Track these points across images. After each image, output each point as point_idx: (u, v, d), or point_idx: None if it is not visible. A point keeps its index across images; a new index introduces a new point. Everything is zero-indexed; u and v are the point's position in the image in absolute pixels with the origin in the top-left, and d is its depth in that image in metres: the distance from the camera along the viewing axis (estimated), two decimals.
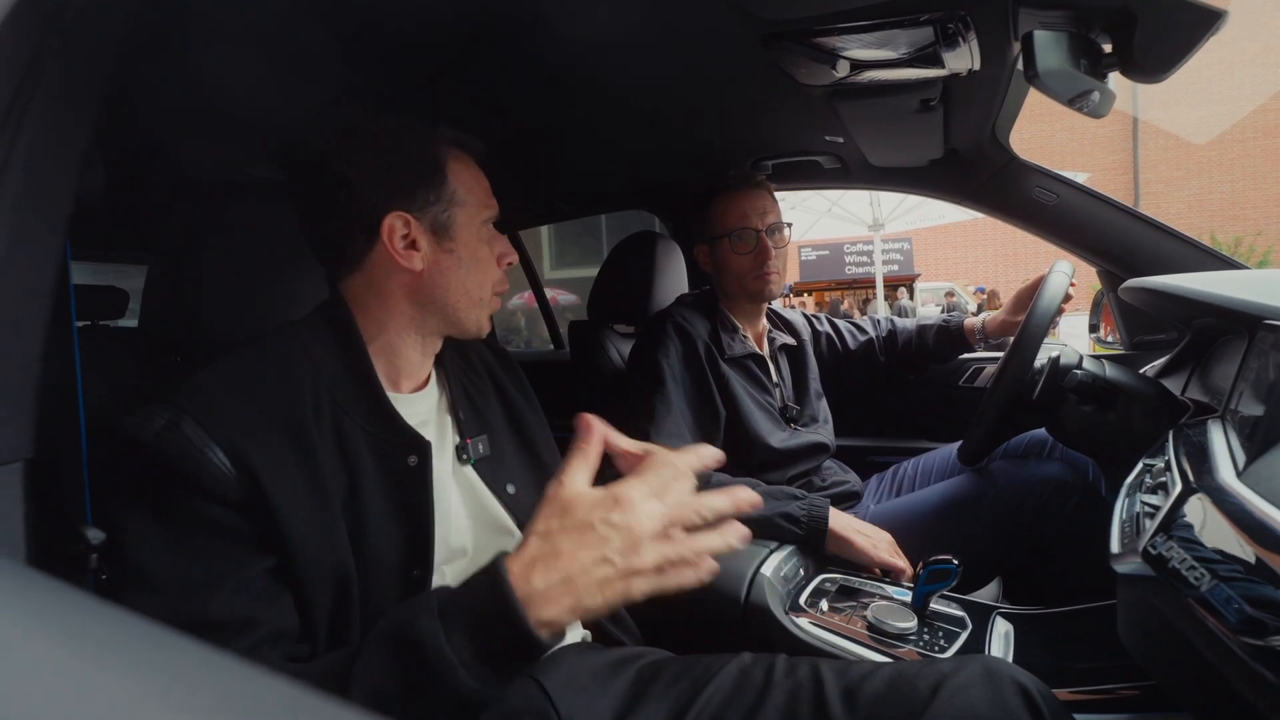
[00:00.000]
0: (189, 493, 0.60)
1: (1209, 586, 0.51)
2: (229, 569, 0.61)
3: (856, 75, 1.01)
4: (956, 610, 0.98)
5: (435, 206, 0.76)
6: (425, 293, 0.77)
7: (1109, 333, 1.64)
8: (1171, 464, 0.73)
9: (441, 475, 0.78)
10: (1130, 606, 0.66)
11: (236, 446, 0.62)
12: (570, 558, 0.53)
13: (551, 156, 1.56)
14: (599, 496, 0.56)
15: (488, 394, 0.91)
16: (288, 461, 0.65)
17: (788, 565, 1.05)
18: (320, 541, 0.65)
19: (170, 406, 0.62)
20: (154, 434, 0.60)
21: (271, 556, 0.63)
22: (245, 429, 0.63)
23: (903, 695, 0.67)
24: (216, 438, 0.61)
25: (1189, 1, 0.73)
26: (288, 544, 0.63)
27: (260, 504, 0.62)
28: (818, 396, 1.52)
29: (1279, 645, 0.45)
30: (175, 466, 0.60)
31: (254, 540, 0.63)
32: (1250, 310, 0.82)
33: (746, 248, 1.35)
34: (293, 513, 0.63)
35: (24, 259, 0.52)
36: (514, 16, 0.87)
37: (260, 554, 0.63)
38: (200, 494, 0.60)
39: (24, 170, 0.51)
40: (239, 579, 0.61)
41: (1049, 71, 0.77)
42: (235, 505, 0.62)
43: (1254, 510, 0.52)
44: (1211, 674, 0.51)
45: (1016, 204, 1.49)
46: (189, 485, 0.60)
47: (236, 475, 0.61)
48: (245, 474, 0.62)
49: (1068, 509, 1.16)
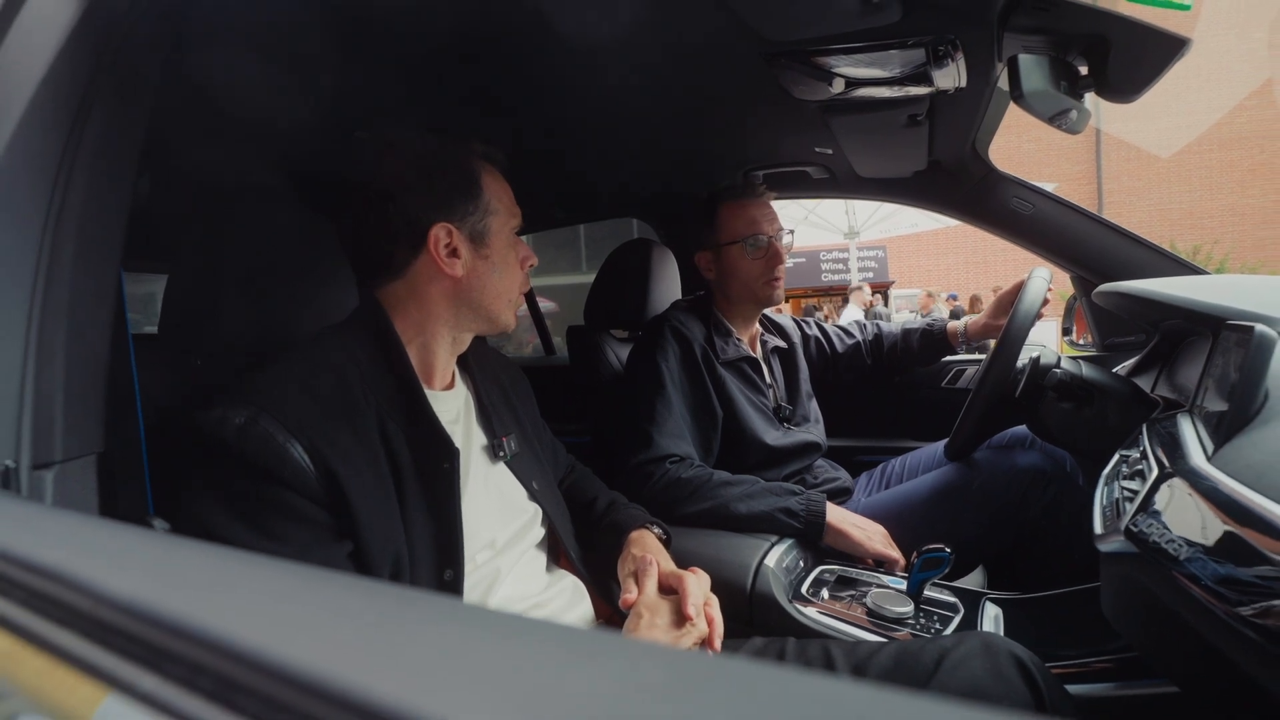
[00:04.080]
0: (272, 484, 0.63)
1: (1188, 557, 0.56)
2: (315, 549, 0.64)
3: (850, 91, 1.07)
4: (949, 596, 1.04)
5: (473, 216, 0.80)
6: (463, 296, 0.81)
7: (1081, 335, 1.73)
8: (1147, 453, 0.80)
9: (475, 471, 0.82)
10: (1114, 582, 0.72)
11: (315, 443, 0.65)
12: None
13: (548, 164, 1.59)
14: (674, 604, 0.80)
15: (500, 395, 0.95)
16: (356, 460, 0.68)
17: (788, 557, 1.10)
18: (385, 533, 0.68)
19: (245, 404, 0.65)
20: (235, 430, 0.63)
21: (349, 544, 0.67)
22: (319, 427, 0.67)
23: (908, 670, 0.72)
24: (295, 435, 0.65)
25: (1158, 29, 0.80)
26: (362, 535, 0.66)
27: (338, 499, 0.66)
28: (809, 397, 1.58)
29: (1257, 610, 0.51)
30: (259, 460, 0.63)
31: (332, 529, 0.66)
32: (1215, 312, 0.88)
33: (760, 253, 1.40)
34: (365, 507, 0.67)
35: (88, 268, 0.54)
36: (517, 22, 0.90)
37: (338, 541, 0.66)
38: (283, 485, 0.64)
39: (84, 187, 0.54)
40: (326, 556, 0.64)
41: (1033, 92, 0.83)
42: (314, 498, 0.65)
43: (1225, 489, 0.58)
44: (1193, 639, 0.57)
45: (995, 213, 1.57)
46: (272, 478, 0.63)
47: (315, 471, 0.65)
48: (323, 470, 0.65)
49: (1048, 496, 1.23)
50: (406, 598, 0.29)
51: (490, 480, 0.86)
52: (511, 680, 0.19)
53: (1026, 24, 0.84)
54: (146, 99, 0.60)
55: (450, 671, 0.20)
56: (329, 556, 0.65)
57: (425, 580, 0.72)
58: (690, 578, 0.85)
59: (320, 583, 0.31)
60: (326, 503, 0.66)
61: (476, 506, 0.81)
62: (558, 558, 0.96)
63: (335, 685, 0.20)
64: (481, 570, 0.80)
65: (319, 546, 0.65)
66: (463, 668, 0.20)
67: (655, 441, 1.25)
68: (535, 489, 0.90)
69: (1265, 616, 0.49)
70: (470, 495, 0.80)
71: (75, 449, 0.50)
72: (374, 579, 0.68)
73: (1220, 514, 0.57)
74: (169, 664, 0.25)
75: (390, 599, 0.29)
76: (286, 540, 0.64)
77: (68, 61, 0.52)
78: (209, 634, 0.24)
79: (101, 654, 0.27)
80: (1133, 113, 12.49)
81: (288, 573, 0.31)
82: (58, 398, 0.49)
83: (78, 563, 0.31)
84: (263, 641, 0.22)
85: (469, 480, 0.81)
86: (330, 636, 0.23)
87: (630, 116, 1.30)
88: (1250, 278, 1.11)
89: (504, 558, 0.83)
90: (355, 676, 0.20)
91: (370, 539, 0.67)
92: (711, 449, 1.36)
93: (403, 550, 0.70)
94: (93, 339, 0.54)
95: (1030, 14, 0.82)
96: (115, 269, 0.57)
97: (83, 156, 0.54)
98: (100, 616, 0.28)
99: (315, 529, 0.65)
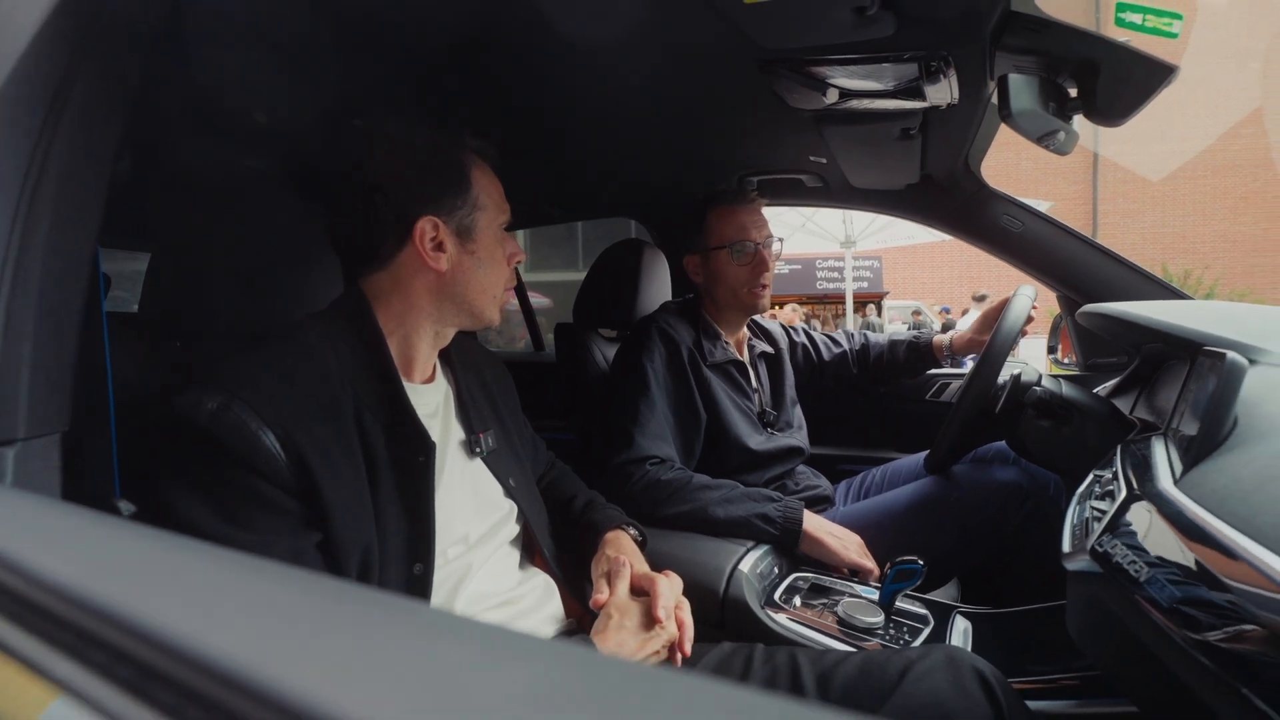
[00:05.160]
0: (243, 471, 0.63)
1: (1148, 579, 0.57)
2: (282, 537, 0.64)
3: (844, 102, 1.08)
4: (920, 608, 1.04)
5: (461, 211, 0.80)
6: (447, 290, 0.81)
7: (1066, 354, 1.74)
8: (1118, 474, 0.80)
9: (452, 466, 0.82)
10: (1079, 601, 0.73)
11: (289, 432, 0.65)
12: (639, 649, 0.77)
13: (544, 161, 1.59)
14: (644, 606, 0.81)
15: (480, 390, 0.95)
16: (330, 450, 0.68)
17: (763, 563, 1.10)
18: (357, 526, 0.68)
19: (220, 390, 0.64)
20: (208, 415, 0.63)
21: (318, 534, 0.67)
22: (294, 416, 0.66)
23: (873, 680, 0.73)
24: (269, 423, 0.64)
25: (1146, 56, 0.81)
26: (332, 525, 0.66)
27: (309, 489, 0.65)
28: (793, 403, 1.58)
29: (1214, 637, 0.51)
30: (230, 446, 0.63)
31: (302, 518, 0.66)
32: (1192, 337, 0.89)
33: (746, 259, 1.40)
34: (337, 497, 0.67)
35: (62, 247, 0.54)
36: (517, 21, 0.90)
37: (308, 531, 0.66)
38: (253, 472, 0.63)
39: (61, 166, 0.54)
40: (294, 545, 0.64)
41: (1021, 111, 0.84)
42: (285, 486, 0.65)
43: (1189, 513, 0.59)
44: (1151, 662, 0.57)
45: (985, 229, 1.58)
46: (243, 464, 0.63)
47: (286, 460, 0.65)
48: (295, 459, 0.65)
49: (1022, 512, 1.24)
50: (387, 605, 0.28)
51: (466, 475, 0.85)
52: (422, 679, 0.19)
53: (1018, 44, 0.84)
54: (131, 78, 0.60)
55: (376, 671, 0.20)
56: (297, 546, 0.65)
57: (394, 573, 0.72)
58: (662, 580, 0.85)
59: (291, 586, 0.30)
60: (297, 492, 0.65)
61: (451, 501, 0.81)
62: (532, 555, 0.96)
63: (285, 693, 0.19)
64: (452, 565, 0.79)
65: (287, 535, 0.65)
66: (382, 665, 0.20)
67: (637, 442, 1.25)
68: (512, 485, 0.90)
69: (1220, 643, 0.49)
70: (445, 490, 0.80)
71: (39, 426, 0.50)
72: (339, 573, 0.68)
73: (1183, 538, 0.58)
74: (122, 666, 0.24)
75: (375, 606, 0.28)
76: (254, 528, 0.64)
77: (49, 37, 0.52)
78: (163, 636, 0.23)
79: (51, 654, 0.26)
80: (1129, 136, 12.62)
81: (257, 573, 0.30)
82: (23, 373, 0.49)
83: (31, 552, 0.31)
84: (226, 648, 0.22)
85: (444, 475, 0.81)
86: (296, 643, 0.23)
87: (627, 117, 1.30)
88: (1230, 305, 1.12)
89: (476, 553, 0.83)
90: (299, 679, 0.20)
91: (340, 530, 0.67)
92: (693, 451, 1.36)
93: (373, 543, 0.70)
94: (64, 316, 0.53)
95: (1022, 34, 0.82)
96: (91, 246, 0.57)
97: (62, 133, 0.53)
98: (46, 606, 0.27)
99: (284, 517, 0.65)
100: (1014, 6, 0.79)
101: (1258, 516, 0.51)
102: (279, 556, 0.64)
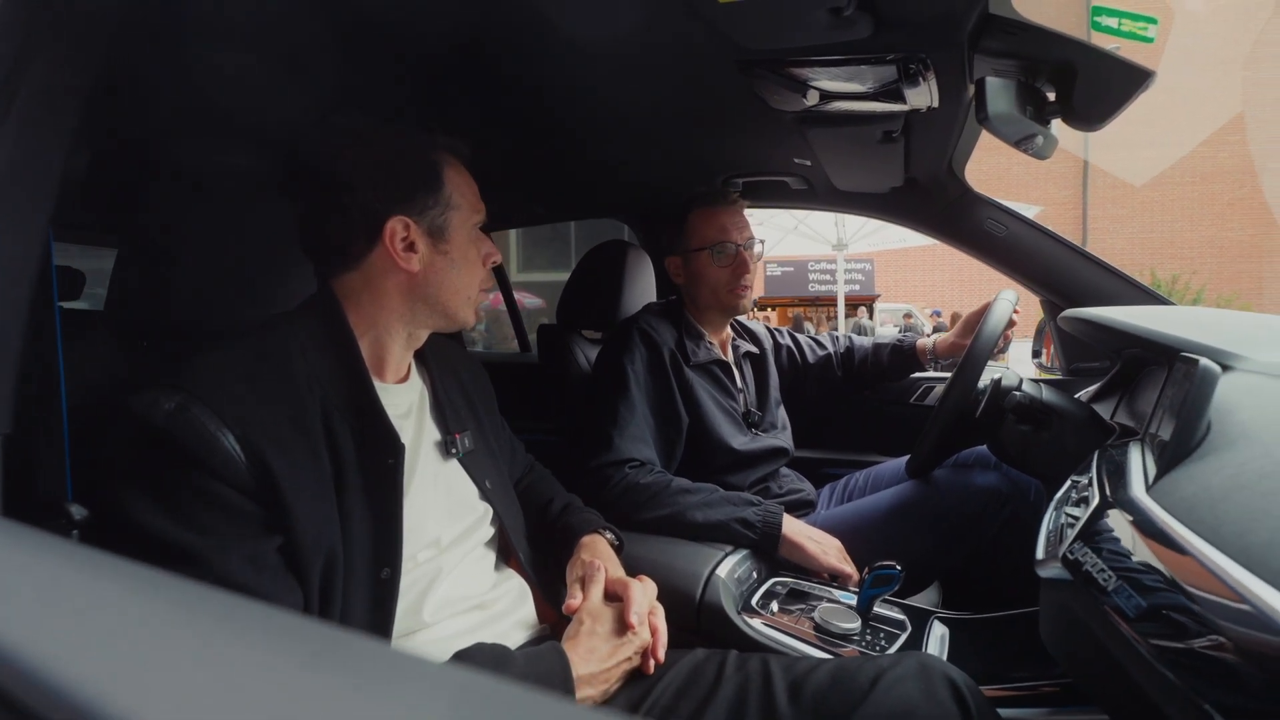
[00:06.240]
0: (200, 473, 0.62)
1: (1116, 589, 0.57)
2: (240, 542, 0.63)
3: (825, 104, 1.07)
4: (897, 614, 1.04)
5: (433, 210, 0.79)
6: (419, 291, 0.80)
7: (1050, 358, 1.75)
8: (1093, 480, 0.80)
9: (424, 468, 0.80)
10: (1050, 608, 0.72)
11: (249, 435, 0.64)
12: (610, 656, 0.77)
13: (528, 161, 1.58)
14: (617, 611, 0.81)
15: (457, 390, 0.94)
16: (293, 451, 0.67)
17: (741, 568, 1.09)
18: (320, 529, 0.67)
19: (178, 390, 0.63)
20: (164, 415, 0.61)
21: (279, 537, 0.65)
22: (255, 418, 0.65)
23: (844, 688, 0.72)
24: (228, 424, 0.63)
25: (1124, 61, 0.81)
26: (294, 529, 0.65)
27: (270, 491, 0.64)
28: (777, 404, 1.58)
29: (1178, 648, 0.51)
30: (186, 447, 0.61)
31: (261, 521, 0.64)
32: (1169, 343, 0.89)
33: (726, 261, 1.40)
34: (299, 500, 0.65)
35: (9, 239, 0.52)
36: (500, 23, 0.89)
37: (268, 535, 0.65)
38: (210, 474, 0.62)
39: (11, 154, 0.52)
40: (253, 550, 0.63)
41: (998, 115, 0.84)
42: (243, 489, 0.63)
43: (1158, 521, 0.58)
44: (1119, 672, 0.57)
45: (968, 233, 1.58)
46: (199, 466, 0.62)
47: (247, 463, 0.63)
48: (256, 462, 0.63)
49: (1001, 517, 1.24)
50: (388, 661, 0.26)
51: (440, 477, 0.84)
52: None
53: (996, 46, 0.84)
54: (88, 69, 0.58)
55: None
56: (256, 550, 0.64)
57: (360, 578, 0.71)
58: (636, 585, 0.84)
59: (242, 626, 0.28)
60: (256, 494, 0.64)
61: (423, 503, 0.79)
62: (508, 559, 0.95)
63: None
64: (422, 568, 0.78)
65: (246, 539, 0.63)
66: None
67: (616, 445, 1.24)
68: (488, 487, 0.89)
69: (1184, 655, 0.49)
70: (416, 492, 0.79)
71: None
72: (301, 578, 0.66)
73: (1152, 546, 0.57)
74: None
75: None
76: (211, 532, 0.62)
77: (7, 12, 0.50)
78: None
79: None
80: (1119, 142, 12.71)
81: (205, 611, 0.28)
82: None
83: None
84: None
85: (416, 476, 0.80)
86: None
87: (611, 118, 1.29)
88: (1210, 311, 1.12)
89: (447, 557, 0.81)
90: None
91: (302, 534, 0.66)
92: (674, 455, 1.35)
93: (337, 546, 0.69)
94: (8, 311, 0.51)
95: (1000, 37, 0.82)
96: (42, 241, 0.55)
97: (10, 124, 0.52)
98: None
99: (243, 521, 0.64)
100: (991, 9, 0.79)
101: (1224, 526, 0.50)
102: (236, 561, 0.62)
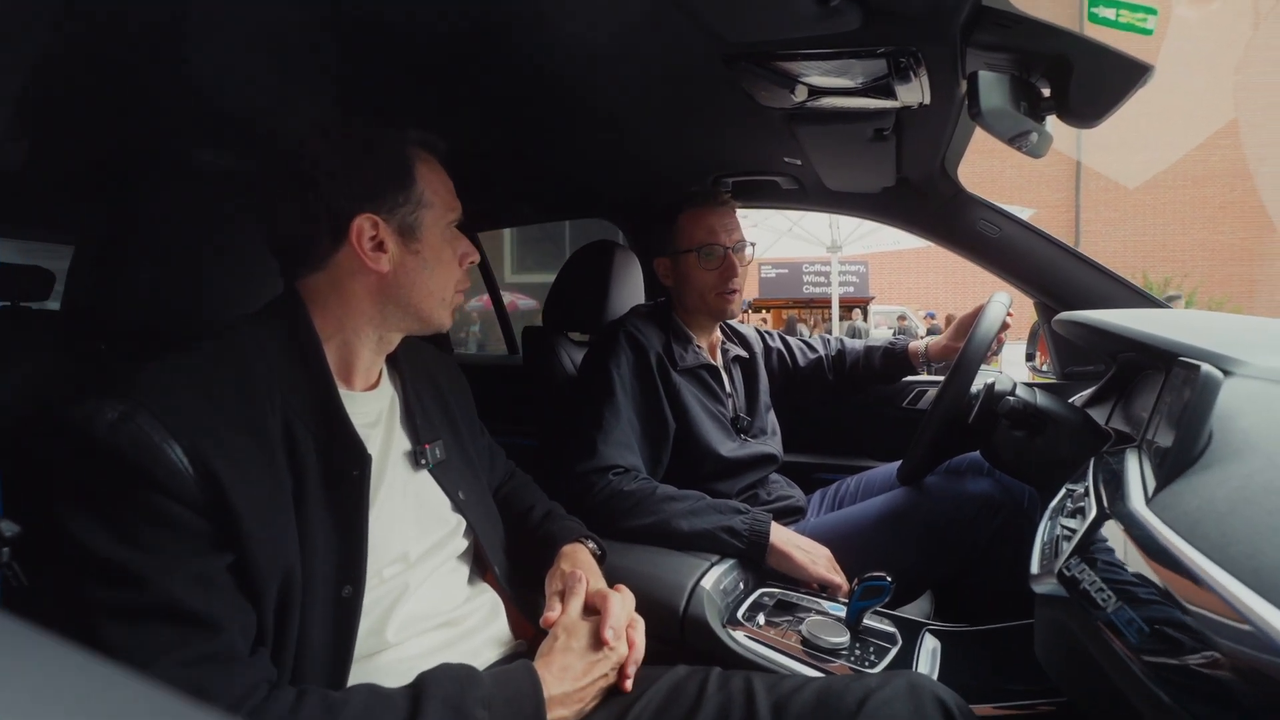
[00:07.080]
0: (143, 487, 0.58)
1: (1114, 608, 0.53)
2: (188, 560, 0.59)
3: (814, 101, 1.04)
4: (888, 626, 1.00)
5: (403, 209, 0.75)
6: (389, 293, 0.76)
7: (1044, 361, 1.72)
8: (1090, 490, 0.77)
9: (393, 479, 0.77)
10: (1046, 625, 0.69)
11: (197, 446, 0.60)
12: (585, 673, 0.74)
13: (516, 160, 1.55)
14: (594, 626, 0.78)
15: (432, 397, 0.90)
16: (247, 463, 0.63)
17: (727, 579, 1.06)
18: (276, 545, 0.63)
19: (124, 399, 0.59)
20: (106, 426, 0.57)
21: (230, 554, 0.61)
22: (206, 428, 0.61)
23: (830, 709, 0.69)
24: (176, 435, 0.59)
25: (1121, 54, 0.78)
26: (247, 545, 0.61)
27: (220, 505, 0.60)
28: (767, 409, 1.55)
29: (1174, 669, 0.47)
30: (129, 460, 0.57)
31: (211, 538, 0.60)
32: (1167, 347, 0.86)
33: (714, 263, 1.36)
34: (253, 515, 0.61)
35: None
36: (486, 21, 0.87)
37: (218, 551, 0.61)
38: (154, 488, 0.58)
39: None
40: (201, 568, 0.59)
41: (991, 110, 0.80)
42: (191, 503, 0.59)
43: (1158, 536, 0.55)
44: (1114, 693, 0.54)
45: (961, 234, 1.55)
46: (142, 479, 0.58)
47: (195, 475, 0.59)
48: (205, 474, 0.60)
49: (994, 525, 1.21)
50: None
51: (410, 488, 0.80)
52: None
53: (989, 40, 0.81)
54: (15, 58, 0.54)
55: None
56: (205, 568, 0.60)
57: (320, 597, 0.67)
58: (615, 598, 0.80)
59: None
60: (205, 510, 0.60)
61: (390, 517, 0.76)
62: (483, 572, 0.91)
63: None
64: (388, 585, 0.74)
65: (193, 557, 0.59)
66: None
67: (600, 451, 1.21)
68: (461, 499, 0.86)
69: (1181, 677, 0.46)
70: (383, 504, 0.75)
71: None
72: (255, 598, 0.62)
73: (1152, 563, 0.54)
74: None
75: None
76: (156, 550, 0.58)
77: None
78: None
79: None
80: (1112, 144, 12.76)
81: None
82: None
83: None
84: None
85: (383, 488, 0.76)
86: None
87: (599, 117, 1.26)
88: (1206, 314, 1.09)
89: (415, 572, 0.78)
90: None
91: (256, 550, 0.62)
92: (660, 461, 1.32)
93: (295, 563, 0.65)
94: None
95: (992, 30, 0.79)
96: None
97: None
98: None
99: (189, 538, 0.60)
100: (984, 1, 0.76)
101: (1231, 545, 0.47)
102: (183, 581, 0.58)
